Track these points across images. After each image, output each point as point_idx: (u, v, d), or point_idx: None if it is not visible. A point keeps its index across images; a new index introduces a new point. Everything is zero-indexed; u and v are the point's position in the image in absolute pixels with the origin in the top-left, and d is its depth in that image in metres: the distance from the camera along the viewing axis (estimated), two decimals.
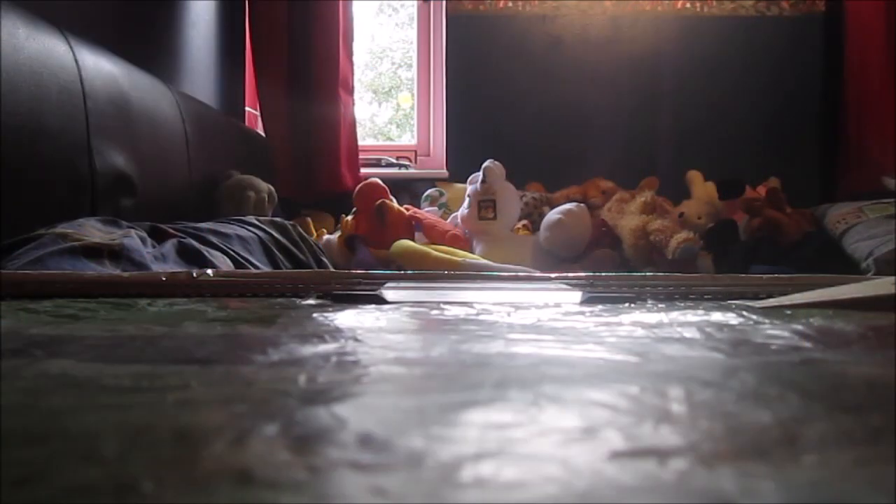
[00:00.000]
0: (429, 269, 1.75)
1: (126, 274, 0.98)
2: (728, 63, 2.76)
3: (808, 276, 1.09)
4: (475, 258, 1.94)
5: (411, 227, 2.15)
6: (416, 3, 2.97)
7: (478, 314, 0.67)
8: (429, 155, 2.93)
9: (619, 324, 0.60)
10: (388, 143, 3.39)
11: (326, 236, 2.19)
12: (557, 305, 0.76)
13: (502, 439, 0.27)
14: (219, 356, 0.45)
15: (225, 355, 0.46)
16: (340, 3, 2.66)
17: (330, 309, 0.72)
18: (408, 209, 2.22)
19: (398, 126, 3.42)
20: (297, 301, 0.79)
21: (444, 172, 2.78)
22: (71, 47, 1.24)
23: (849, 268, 1.74)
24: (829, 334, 0.55)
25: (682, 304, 0.75)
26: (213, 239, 1.34)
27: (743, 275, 1.13)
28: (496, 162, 2.15)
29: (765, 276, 1.08)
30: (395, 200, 2.21)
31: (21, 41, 1.10)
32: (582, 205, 2.12)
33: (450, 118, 2.82)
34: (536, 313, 0.68)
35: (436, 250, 1.94)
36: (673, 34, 2.77)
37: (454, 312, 0.69)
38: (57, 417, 0.30)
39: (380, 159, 2.86)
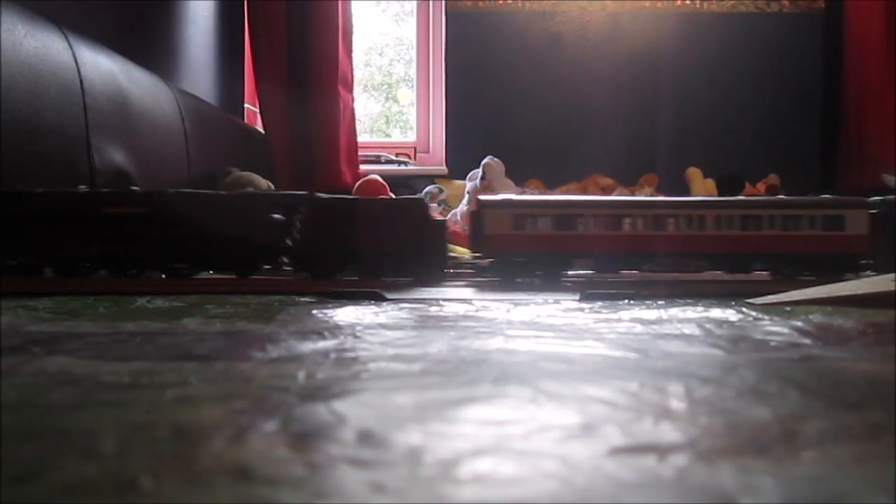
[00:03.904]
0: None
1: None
2: (728, 60, 2.76)
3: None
4: None
5: None
6: (415, 0, 2.97)
7: (477, 311, 0.67)
8: (428, 151, 2.92)
9: (619, 320, 0.60)
10: (385, 139, 3.39)
11: None
12: (556, 302, 0.76)
13: (501, 435, 0.27)
14: (218, 353, 0.45)
15: (224, 352, 0.46)
16: (340, 1, 2.65)
17: (329, 305, 0.72)
18: None
19: (389, 120, 3.42)
20: (297, 298, 0.79)
21: (443, 169, 2.78)
22: (70, 44, 1.23)
23: None
24: (829, 331, 0.55)
25: (682, 301, 0.75)
26: None
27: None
28: (495, 158, 2.15)
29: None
30: (394, 197, 2.21)
31: (20, 38, 1.10)
32: None
33: (449, 115, 2.81)
34: (535, 310, 0.68)
35: None
36: (672, 31, 2.77)
37: (453, 309, 0.69)
38: (56, 414, 0.30)
39: (379, 156, 2.86)
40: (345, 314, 0.64)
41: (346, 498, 0.21)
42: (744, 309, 0.67)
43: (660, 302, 0.75)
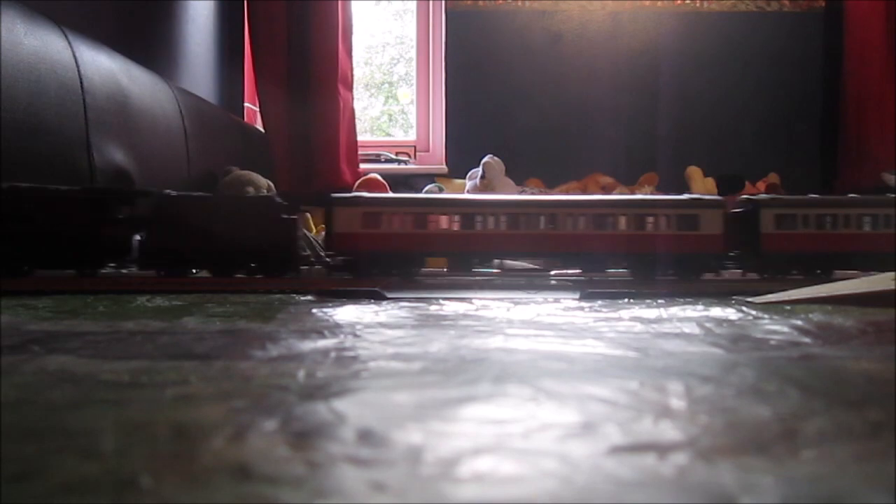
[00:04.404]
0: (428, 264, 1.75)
1: (125, 271, 0.98)
2: (728, 59, 2.76)
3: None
4: None
5: None
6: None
7: (477, 309, 0.67)
8: (428, 150, 2.92)
9: (619, 319, 0.60)
10: (385, 138, 3.39)
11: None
12: (556, 301, 0.76)
13: (501, 434, 0.27)
14: (218, 351, 0.45)
15: (224, 351, 0.46)
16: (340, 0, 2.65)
17: (329, 304, 0.72)
18: None
19: (391, 118, 3.42)
20: (296, 297, 0.79)
21: (443, 168, 2.78)
22: (69, 43, 1.23)
23: None
24: (829, 330, 0.55)
25: (682, 300, 0.75)
26: None
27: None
28: (495, 157, 2.15)
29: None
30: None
31: (20, 37, 1.09)
32: None
33: (449, 114, 2.81)
34: (535, 309, 0.68)
35: None
36: (673, 30, 2.77)
37: (453, 308, 0.69)
38: (55, 413, 0.30)
39: (379, 155, 2.86)
40: (344, 313, 0.64)
41: (346, 497, 0.21)
42: (744, 308, 0.67)
43: (660, 301, 0.75)
